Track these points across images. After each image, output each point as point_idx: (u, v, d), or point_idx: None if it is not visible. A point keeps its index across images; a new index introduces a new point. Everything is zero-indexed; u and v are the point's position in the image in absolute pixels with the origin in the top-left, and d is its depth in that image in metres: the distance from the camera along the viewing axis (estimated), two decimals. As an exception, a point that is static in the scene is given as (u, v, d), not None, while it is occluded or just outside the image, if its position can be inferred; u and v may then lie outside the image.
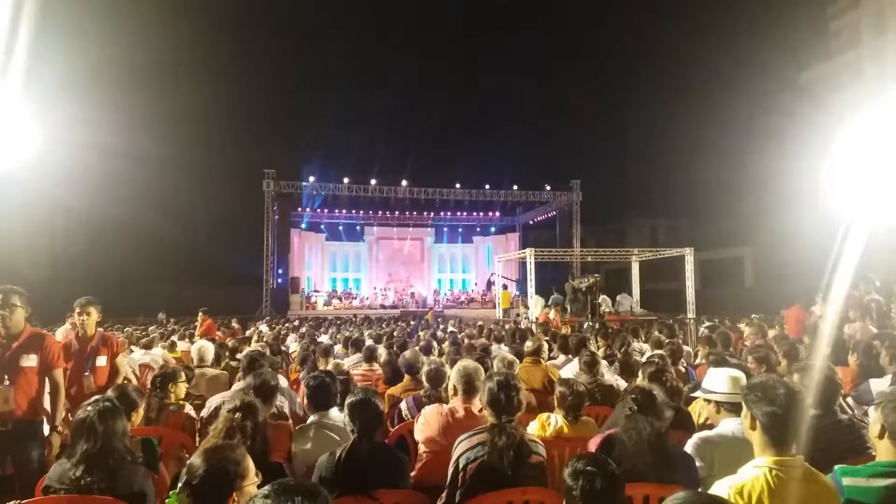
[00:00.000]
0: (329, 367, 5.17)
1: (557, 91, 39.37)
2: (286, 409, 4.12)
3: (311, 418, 3.54)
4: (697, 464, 2.76)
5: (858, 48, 26.33)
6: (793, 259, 21.65)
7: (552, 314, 14.95)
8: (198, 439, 3.73)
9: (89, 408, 2.64)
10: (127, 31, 24.43)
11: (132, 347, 7.98)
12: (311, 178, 25.33)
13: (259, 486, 1.84)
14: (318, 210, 28.53)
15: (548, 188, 27.90)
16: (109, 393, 3.39)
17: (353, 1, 42.02)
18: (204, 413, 3.86)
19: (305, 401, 3.75)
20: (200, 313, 11.91)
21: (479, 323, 13.56)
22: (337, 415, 3.47)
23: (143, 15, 25.21)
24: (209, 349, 5.70)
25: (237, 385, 4.44)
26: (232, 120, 31.76)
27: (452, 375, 3.64)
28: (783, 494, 1.85)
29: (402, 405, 4.21)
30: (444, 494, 2.82)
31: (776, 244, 25.53)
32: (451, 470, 2.78)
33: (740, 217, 30.88)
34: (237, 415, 2.64)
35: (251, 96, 34.29)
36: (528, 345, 5.84)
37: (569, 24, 41.24)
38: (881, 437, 2.38)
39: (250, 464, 2.00)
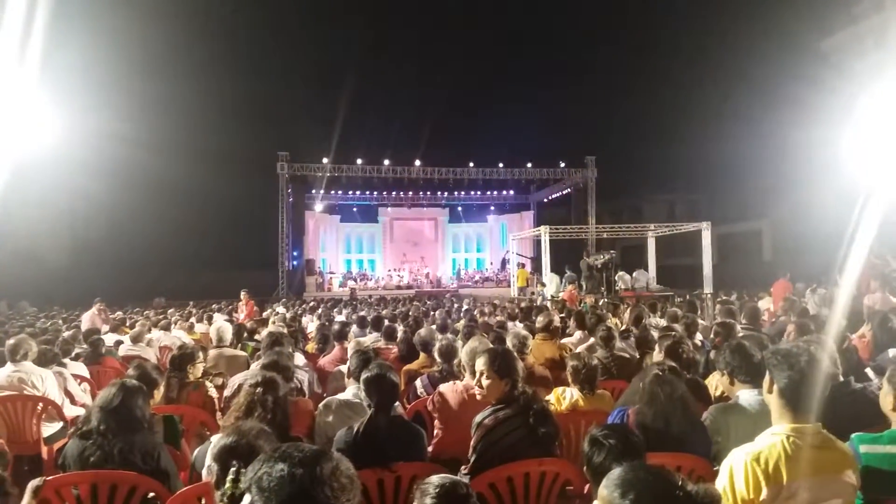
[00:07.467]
0: (348, 347, 5.23)
1: (570, 66, 38.77)
2: (304, 387, 4.19)
3: (350, 389, 3.59)
4: (714, 437, 2.75)
5: (882, 14, 25.57)
6: (811, 231, 21.30)
7: (566, 291, 14.89)
8: (219, 416, 3.80)
9: (112, 385, 2.71)
10: (142, 18, 24.38)
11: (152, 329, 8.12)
12: (325, 160, 25.30)
13: None
14: (333, 192, 28.51)
15: (562, 165, 27.59)
16: (130, 371, 3.46)
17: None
18: (227, 392, 3.93)
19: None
20: (243, 294, 12.39)
21: (495, 301, 13.60)
22: None
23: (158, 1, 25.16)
24: (227, 329, 5.77)
25: (255, 364, 4.50)
26: (246, 104, 31.65)
27: (463, 355, 3.66)
28: (800, 461, 1.83)
29: (418, 382, 4.26)
30: (466, 468, 2.83)
31: (795, 217, 25.10)
32: (476, 445, 2.77)
33: (758, 189, 30.26)
34: (258, 389, 2.68)
35: (264, 79, 34.16)
36: (540, 320, 5.74)
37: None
38: None
39: None
